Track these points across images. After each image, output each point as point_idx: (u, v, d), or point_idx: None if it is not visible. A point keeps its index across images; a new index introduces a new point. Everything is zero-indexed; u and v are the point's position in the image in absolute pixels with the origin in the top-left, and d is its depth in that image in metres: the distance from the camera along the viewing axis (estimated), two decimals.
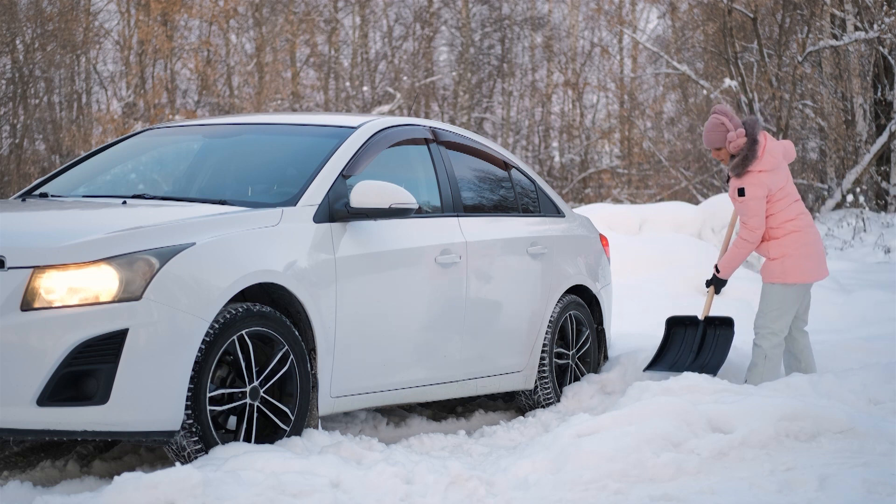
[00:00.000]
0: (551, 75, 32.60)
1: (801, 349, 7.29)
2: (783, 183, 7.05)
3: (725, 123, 7.08)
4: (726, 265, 7.22)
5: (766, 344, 7.06)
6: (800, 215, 7.09)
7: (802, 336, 7.30)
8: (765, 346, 7.07)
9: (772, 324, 7.05)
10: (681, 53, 26.65)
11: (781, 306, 7.06)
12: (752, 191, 6.98)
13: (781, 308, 7.06)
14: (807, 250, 7.03)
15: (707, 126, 7.15)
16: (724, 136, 7.08)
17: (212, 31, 28.75)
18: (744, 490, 4.89)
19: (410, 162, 6.68)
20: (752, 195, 6.98)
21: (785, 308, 7.06)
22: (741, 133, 7.02)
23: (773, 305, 7.06)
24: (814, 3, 21.92)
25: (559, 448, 5.27)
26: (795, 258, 7.02)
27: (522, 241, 7.13)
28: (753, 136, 7.01)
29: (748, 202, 7.00)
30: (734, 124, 7.07)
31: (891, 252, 16.01)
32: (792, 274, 7.02)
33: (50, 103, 25.23)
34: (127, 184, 6.60)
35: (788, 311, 7.07)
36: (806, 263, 7.04)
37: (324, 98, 30.42)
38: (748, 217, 7.02)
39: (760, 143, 7.01)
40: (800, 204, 7.13)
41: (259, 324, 5.29)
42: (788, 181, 7.11)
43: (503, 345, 6.91)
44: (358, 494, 4.72)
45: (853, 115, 21.99)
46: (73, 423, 4.80)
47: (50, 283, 4.81)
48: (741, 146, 7.03)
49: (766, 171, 6.99)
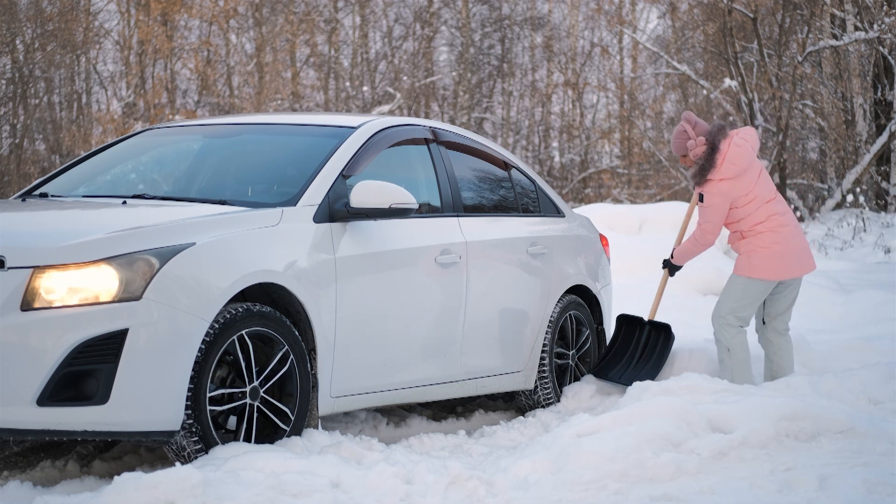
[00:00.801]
0: (551, 75, 32.60)
1: (775, 350, 7.25)
2: (749, 188, 7.03)
3: (688, 131, 7.14)
4: (679, 255, 7.38)
5: (724, 335, 7.07)
6: (771, 216, 7.05)
7: (778, 337, 7.26)
8: (724, 338, 7.08)
9: (728, 314, 7.05)
10: (681, 53, 26.65)
11: (741, 298, 7.05)
12: (710, 199, 7.06)
13: (740, 300, 7.05)
14: (776, 249, 7.02)
15: (673, 133, 7.21)
16: (684, 145, 7.13)
17: (212, 31, 28.75)
18: (744, 490, 4.89)
19: (410, 162, 6.68)
20: (709, 203, 7.06)
21: (744, 301, 7.05)
22: (701, 142, 7.06)
23: (732, 296, 7.07)
24: (814, 3, 21.91)
25: (559, 448, 5.27)
26: (763, 255, 7.02)
27: (522, 241, 7.13)
28: (714, 145, 7.02)
29: (705, 208, 7.10)
30: (697, 132, 7.10)
31: (891, 252, 16.00)
32: (758, 270, 7.02)
33: (50, 103, 25.24)
34: (127, 184, 6.60)
35: (747, 304, 7.06)
36: (774, 261, 7.02)
37: (324, 98, 30.42)
38: (703, 220, 7.14)
39: (721, 152, 7.00)
40: (773, 205, 7.09)
41: (259, 324, 5.29)
42: (759, 184, 7.07)
43: (503, 345, 6.91)
44: (358, 494, 4.72)
45: (853, 115, 21.99)
46: (73, 423, 4.80)
47: (50, 283, 4.81)
48: (700, 154, 7.05)
49: (726, 179, 7.01)
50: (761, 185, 7.08)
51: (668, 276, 7.52)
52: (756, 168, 7.11)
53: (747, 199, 7.03)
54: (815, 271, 12.67)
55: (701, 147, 7.06)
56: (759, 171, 7.11)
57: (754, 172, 7.07)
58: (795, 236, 7.10)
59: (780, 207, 7.11)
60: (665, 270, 7.50)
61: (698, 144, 7.06)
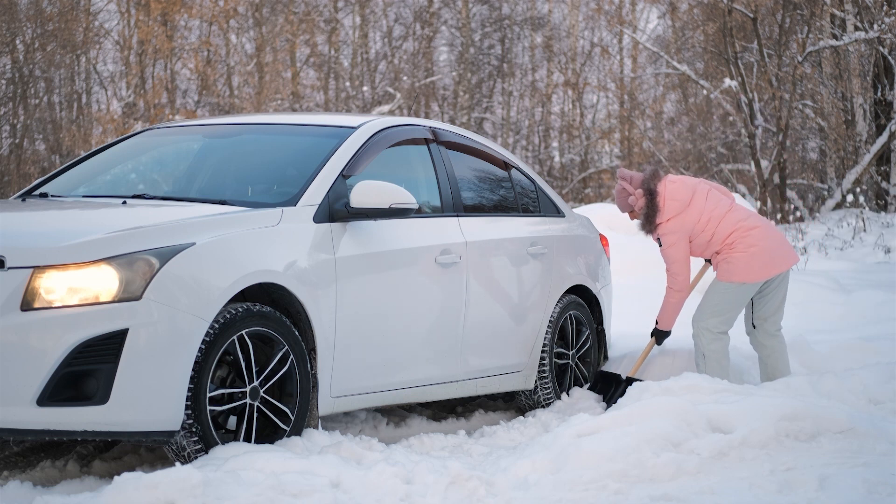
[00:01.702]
0: (551, 75, 32.61)
1: (769, 353, 7.24)
2: (699, 213, 7.06)
3: (626, 188, 7.23)
4: (663, 318, 7.28)
5: (701, 341, 7.06)
6: (738, 226, 7.06)
7: (771, 339, 7.24)
8: (700, 344, 7.07)
9: (707, 319, 7.04)
10: (681, 53, 26.66)
11: (721, 304, 7.04)
12: (667, 240, 7.08)
13: (720, 306, 7.04)
14: (752, 250, 7.02)
15: (615, 196, 7.29)
16: (626, 201, 7.25)
17: (212, 31, 28.76)
18: (744, 490, 4.89)
19: (410, 162, 6.68)
20: (668, 243, 7.09)
21: (724, 307, 7.04)
22: (640, 194, 7.12)
23: (712, 301, 7.07)
24: (814, 3, 21.92)
25: (559, 448, 5.27)
26: (741, 259, 7.02)
27: (522, 241, 7.13)
28: (651, 191, 7.08)
29: (667, 251, 7.11)
30: (634, 185, 7.17)
31: (891, 252, 16.00)
32: (738, 273, 7.02)
33: (50, 103, 25.24)
34: (127, 184, 6.60)
35: (726, 309, 7.04)
36: (753, 262, 7.02)
37: (324, 98, 30.42)
38: (669, 264, 7.12)
39: (660, 195, 7.07)
40: (734, 214, 7.10)
41: (259, 324, 5.29)
42: (707, 204, 7.09)
43: (503, 344, 6.91)
44: (358, 494, 4.72)
45: (853, 115, 21.99)
46: (73, 423, 4.80)
47: (50, 283, 4.80)
48: (643, 205, 7.11)
49: (674, 217, 7.06)
50: (712, 204, 7.11)
51: (652, 346, 7.44)
52: (701, 192, 7.14)
53: (703, 222, 7.06)
54: (815, 271, 12.72)
55: (640, 198, 7.13)
56: (705, 194, 7.14)
57: (700, 197, 7.12)
58: (769, 234, 7.10)
59: (742, 213, 7.13)
60: (653, 339, 7.38)
61: (638, 196, 7.14)
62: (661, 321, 7.28)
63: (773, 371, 7.19)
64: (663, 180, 7.13)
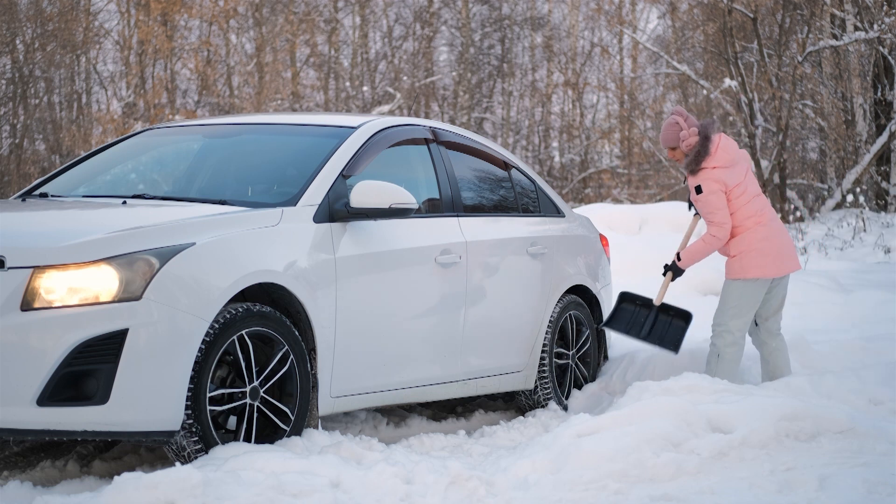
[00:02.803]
0: (551, 75, 32.61)
1: (771, 352, 7.24)
2: (740, 179, 7.06)
3: (680, 122, 7.15)
4: (688, 257, 7.18)
5: (720, 342, 7.05)
6: (760, 211, 7.08)
7: (772, 339, 7.25)
8: (718, 345, 7.06)
9: (728, 321, 7.03)
10: (681, 53, 26.65)
11: (740, 303, 7.04)
12: (709, 185, 7.01)
13: (739, 306, 7.04)
14: (766, 244, 7.02)
15: (663, 126, 7.22)
16: (677, 135, 7.13)
17: (212, 31, 28.75)
18: (744, 490, 4.89)
19: (410, 162, 6.68)
20: (709, 189, 7.01)
21: (743, 306, 7.04)
22: (693, 132, 7.07)
23: (731, 303, 7.06)
24: (814, 3, 21.92)
25: (559, 448, 5.27)
26: (754, 254, 7.01)
27: (522, 241, 7.13)
28: (706, 135, 7.06)
29: (707, 197, 7.02)
30: (689, 124, 7.13)
31: (891, 252, 15.99)
32: (751, 269, 7.01)
33: (50, 103, 25.24)
34: (127, 184, 6.60)
35: (746, 309, 7.04)
36: (765, 258, 7.02)
37: (324, 98, 30.42)
38: (712, 214, 7.04)
39: (714, 141, 7.04)
40: (760, 199, 7.12)
41: (259, 324, 5.29)
42: (747, 177, 7.11)
43: (503, 345, 6.91)
44: (358, 494, 4.72)
45: (853, 115, 21.99)
46: (73, 423, 4.80)
47: (50, 283, 4.80)
48: (693, 144, 7.06)
49: (721, 167, 7.03)
50: (750, 179, 7.13)
51: (670, 281, 7.35)
52: (745, 163, 7.16)
53: (740, 189, 7.05)
54: (815, 271, 12.72)
55: (693, 137, 7.08)
56: (746, 168, 7.16)
57: (744, 166, 7.13)
58: (783, 232, 7.16)
59: (767, 203, 7.17)
60: (667, 275, 7.29)
61: (691, 134, 7.08)
62: (685, 259, 7.18)
63: (774, 369, 7.20)
64: (719, 132, 7.12)
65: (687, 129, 7.11)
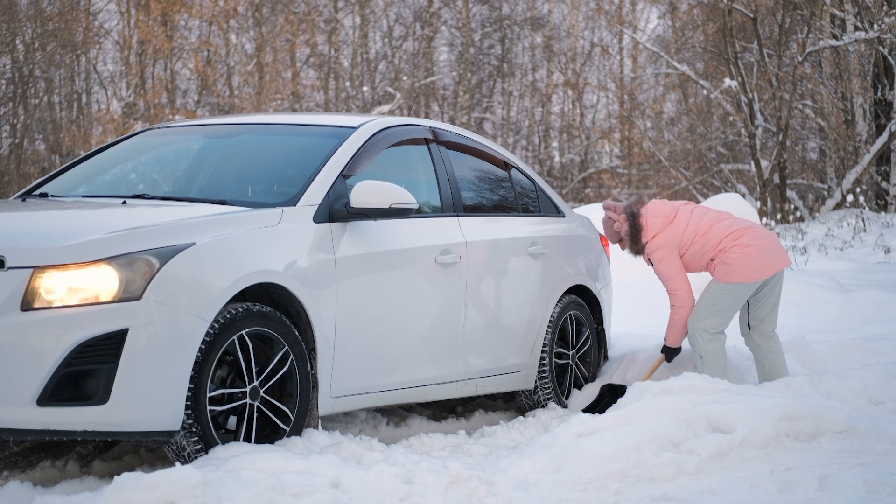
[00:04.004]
0: (551, 75, 32.63)
1: (766, 354, 7.24)
2: (684, 226, 7.13)
3: (611, 216, 7.34)
4: (671, 335, 7.26)
5: (698, 342, 7.07)
6: (728, 230, 7.11)
7: (767, 341, 7.24)
8: (697, 345, 7.08)
9: (703, 320, 7.05)
10: (681, 53, 26.66)
11: (718, 304, 7.05)
12: (656, 256, 7.14)
13: (717, 306, 7.05)
14: (748, 250, 7.04)
15: (602, 228, 7.41)
16: (613, 229, 7.34)
17: (212, 31, 28.76)
18: (744, 490, 4.89)
19: (410, 162, 6.68)
20: (658, 258, 7.14)
21: (720, 306, 7.05)
22: (622, 219, 7.23)
23: (708, 302, 7.08)
24: (814, 3, 21.93)
25: (559, 448, 5.27)
26: (738, 260, 7.04)
27: (522, 241, 7.13)
28: (632, 213, 7.19)
29: (658, 267, 7.15)
30: (618, 212, 7.29)
31: (891, 252, 16.00)
32: (736, 274, 7.04)
33: (50, 103, 25.25)
34: (127, 184, 6.60)
35: (722, 308, 7.06)
36: (751, 262, 7.04)
37: (324, 98, 30.43)
38: (666, 282, 7.15)
39: (641, 216, 7.17)
40: (724, 222, 7.16)
41: (259, 324, 5.29)
42: (693, 217, 7.16)
43: (503, 345, 6.91)
44: (358, 494, 4.72)
45: (853, 115, 22.00)
46: (73, 423, 4.80)
47: (50, 283, 4.80)
48: (627, 229, 7.22)
49: (658, 232, 7.14)
50: (698, 216, 7.19)
51: (662, 361, 7.41)
52: (685, 208, 7.24)
53: (690, 234, 7.12)
54: (815, 271, 12.72)
55: (624, 223, 7.23)
56: (690, 209, 7.24)
57: (684, 212, 7.20)
58: (761, 235, 7.16)
59: (730, 221, 7.20)
60: (662, 355, 7.36)
61: (622, 222, 7.24)
62: (670, 338, 7.27)
63: (770, 372, 7.19)
64: (646, 204, 7.25)
65: (618, 217, 7.25)
